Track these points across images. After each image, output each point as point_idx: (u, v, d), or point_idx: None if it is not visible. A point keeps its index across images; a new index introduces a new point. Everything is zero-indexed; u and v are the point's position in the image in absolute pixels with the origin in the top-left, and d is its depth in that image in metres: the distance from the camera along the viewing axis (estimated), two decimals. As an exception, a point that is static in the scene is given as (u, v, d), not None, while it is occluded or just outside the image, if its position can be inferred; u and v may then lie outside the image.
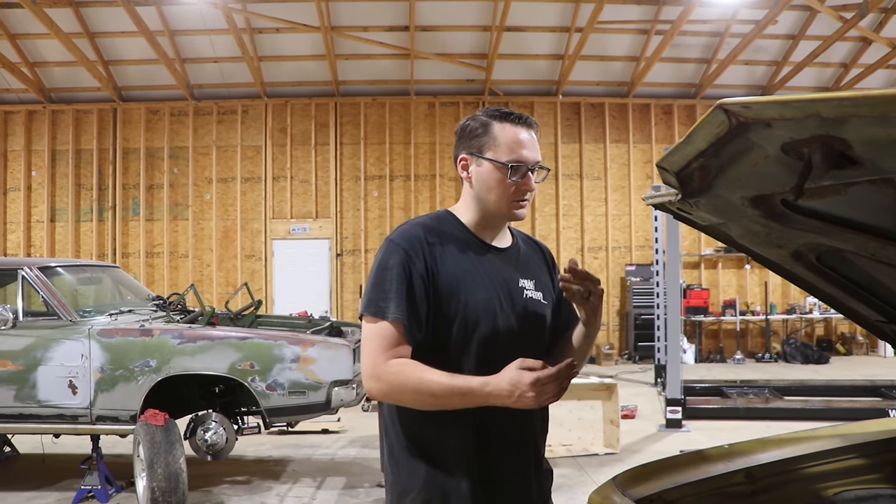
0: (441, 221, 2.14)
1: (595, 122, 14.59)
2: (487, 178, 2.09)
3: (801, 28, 12.92)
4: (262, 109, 14.30)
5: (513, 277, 2.15)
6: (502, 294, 2.09)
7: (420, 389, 1.89)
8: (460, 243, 2.10)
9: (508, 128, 2.08)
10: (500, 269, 2.14)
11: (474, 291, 2.04)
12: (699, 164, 1.62)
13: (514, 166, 2.05)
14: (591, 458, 7.07)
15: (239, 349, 5.54)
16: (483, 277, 2.08)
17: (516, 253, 2.23)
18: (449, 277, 2.02)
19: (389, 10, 12.51)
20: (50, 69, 13.67)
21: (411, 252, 2.01)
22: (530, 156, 2.08)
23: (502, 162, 2.06)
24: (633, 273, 14.09)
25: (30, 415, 5.64)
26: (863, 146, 1.24)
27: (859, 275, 2.13)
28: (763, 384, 10.18)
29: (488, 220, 2.15)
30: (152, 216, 14.22)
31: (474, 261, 2.09)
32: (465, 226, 2.15)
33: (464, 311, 2.02)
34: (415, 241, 2.03)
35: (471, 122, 2.14)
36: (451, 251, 2.07)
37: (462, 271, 2.05)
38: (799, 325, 14.50)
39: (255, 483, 6.43)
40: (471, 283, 2.05)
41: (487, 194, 2.10)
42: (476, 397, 1.84)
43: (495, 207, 2.11)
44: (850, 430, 2.62)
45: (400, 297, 1.97)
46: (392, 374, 1.93)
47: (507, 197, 2.08)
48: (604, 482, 2.35)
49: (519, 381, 1.79)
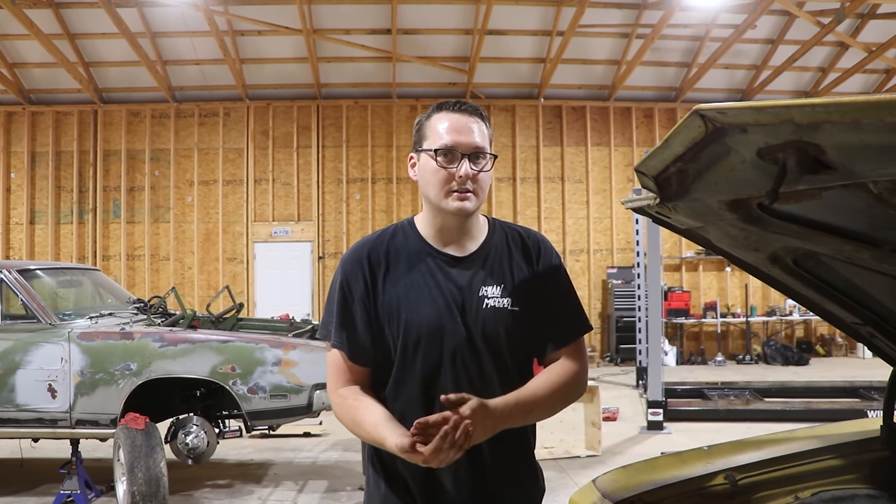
0: (395, 234, 2.06)
1: (577, 125, 14.65)
2: (424, 171, 1.99)
3: (780, 33, 13.05)
4: (244, 112, 14.25)
5: (471, 287, 1.99)
6: (454, 307, 1.95)
7: (353, 428, 1.93)
8: (410, 256, 2.00)
9: (441, 115, 2.01)
10: (456, 279, 1.99)
11: (417, 309, 1.94)
12: (677, 168, 1.64)
13: (440, 150, 1.94)
14: (573, 461, 7.09)
15: (220, 352, 5.52)
16: (431, 291, 1.96)
17: (483, 257, 2.04)
18: (390, 297, 1.96)
19: (372, 13, 12.51)
20: (29, 70, 13.56)
21: (350, 275, 2.00)
22: (461, 139, 1.95)
23: (433, 150, 1.96)
24: (615, 276, 14.15)
25: (8, 419, 5.59)
26: (836, 151, 1.26)
27: (835, 278, 2.16)
28: (744, 386, 10.26)
29: (438, 221, 2.01)
30: (133, 219, 14.13)
31: (423, 274, 1.98)
32: (420, 235, 2.04)
33: (405, 329, 1.93)
34: (355, 263, 2.01)
35: (418, 120, 2.08)
36: (396, 268, 1.99)
37: (405, 288, 1.96)
38: (779, 328, 14.63)
39: (236, 487, 6.41)
40: (414, 299, 1.95)
41: (427, 188, 1.98)
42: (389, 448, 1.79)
43: (435, 202, 1.97)
44: (829, 431, 2.65)
45: (340, 323, 1.98)
46: (336, 405, 1.98)
47: (441, 187, 1.94)
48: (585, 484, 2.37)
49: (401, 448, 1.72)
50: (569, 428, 7.31)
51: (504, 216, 14.32)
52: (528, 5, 12.39)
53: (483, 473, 1.98)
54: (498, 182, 14.39)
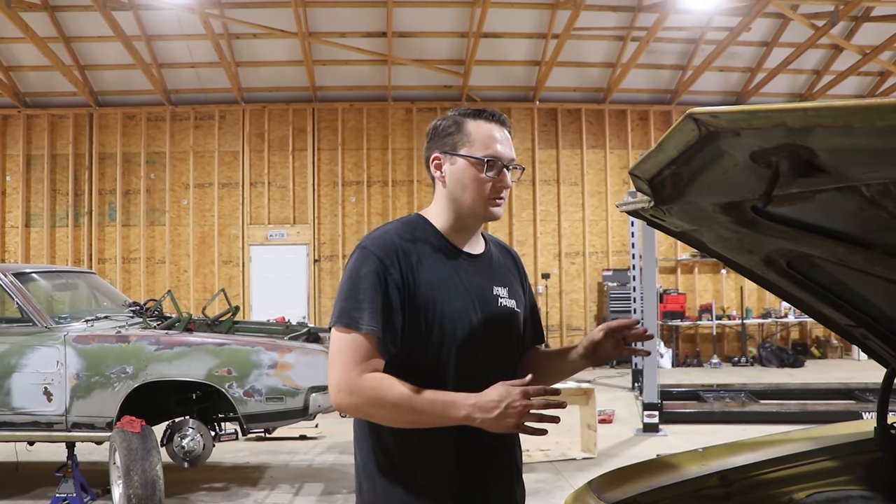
0: (414, 227, 2.06)
1: (572, 127, 14.67)
2: (462, 176, 2.02)
3: (775, 35, 13.09)
4: (240, 115, 14.24)
5: (487, 285, 2.09)
6: (477, 303, 2.03)
7: (399, 404, 1.82)
8: (434, 250, 2.02)
9: (483, 124, 2.04)
10: (474, 277, 2.07)
11: (450, 301, 1.98)
12: (671, 171, 1.65)
13: (489, 161, 2.00)
14: (569, 463, 7.10)
15: (216, 355, 5.52)
16: (458, 286, 2.01)
17: (489, 259, 2.16)
18: (425, 286, 1.95)
19: (367, 16, 12.52)
20: (25, 73, 13.54)
21: (386, 260, 1.93)
22: (505, 152, 2.03)
23: (477, 157, 2.00)
24: (610, 278, 14.17)
25: (3, 422, 5.58)
26: (828, 155, 1.27)
27: (828, 280, 2.17)
28: (739, 388, 10.28)
29: (462, 222, 2.08)
30: (129, 222, 14.11)
31: (449, 268, 2.02)
32: (438, 231, 2.07)
33: (440, 321, 1.95)
34: (389, 248, 1.95)
35: (443, 121, 2.08)
36: (425, 258, 1.99)
37: (437, 280, 1.98)
38: (774, 329, 14.65)
39: (232, 490, 6.40)
40: (446, 292, 1.98)
41: (462, 193, 2.03)
42: (459, 410, 1.79)
43: (470, 207, 2.04)
44: (823, 433, 2.66)
45: (374, 308, 1.89)
46: (368, 388, 1.84)
47: (483, 195, 2.02)
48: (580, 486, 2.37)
49: (508, 393, 1.76)
50: (564, 430, 7.32)
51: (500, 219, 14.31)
52: (523, 8, 12.41)
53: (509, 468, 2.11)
54: (493, 185, 14.36)
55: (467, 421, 1.80)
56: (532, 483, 6.45)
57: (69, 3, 11.97)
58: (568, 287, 14.46)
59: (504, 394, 1.77)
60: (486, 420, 1.78)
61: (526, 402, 1.76)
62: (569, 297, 14.46)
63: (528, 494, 2.26)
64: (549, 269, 14.32)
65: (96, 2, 11.06)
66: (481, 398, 1.79)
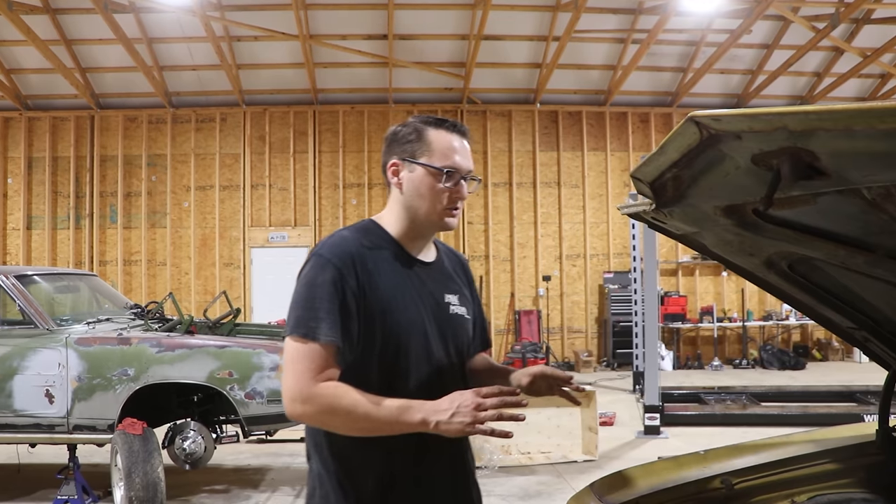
0: (369, 234, 2.04)
1: (573, 130, 14.68)
2: (419, 185, 2.01)
3: (775, 38, 13.09)
4: (241, 117, 14.25)
5: (439, 293, 2.09)
6: (430, 311, 2.03)
7: (354, 412, 1.80)
8: (389, 257, 2.01)
9: (443, 134, 2.03)
10: (427, 285, 2.07)
11: (404, 309, 1.97)
12: (672, 174, 1.65)
13: (448, 172, 2.00)
14: (570, 465, 7.10)
15: (217, 357, 5.52)
16: (412, 294, 2.01)
17: (441, 266, 2.16)
18: (380, 295, 1.94)
19: (368, 18, 12.53)
20: (26, 76, 13.55)
21: (343, 269, 1.91)
22: (464, 163, 2.03)
23: (436, 167, 1.99)
24: (611, 280, 14.17)
25: (5, 424, 5.59)
26: (829, 158, 1.27)
27: (830, 282, 2.17)
28: (740, 390, 10.27)
29: (417, 230, 2.07)
30: (130, 224, 14.12)
31: (403, 276, 2.02)
32: (392, 238, 2.06)
33: (395, 330, 1.95)
34: (346, 256, 1.93)
35: (402, 128, 2.07)
36: (381, 266, 1.98)
37: (392, 288, 1.97)
38: (776, 332, 14.65)
39: (233, 492, 6.40)
40: (401, 300, 1.98)
41: (418, 201, 2.02)
42: (414, 415, 1.79)
43: (425, 216, 2.03)
44: (825, 436, 2.66)
45: (333, 318, 1.87)
46: (323, 396, 1.82)
47: (439, 205, 2.01)
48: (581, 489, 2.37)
49: (461, 395, 1.78)
50: (566, 432, 7.32)
51: (500, 221, 14.35)
52: (524, 11, 12.41)
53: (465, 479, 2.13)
54: (494, 187, 14.41)
55: (423, 426, 1.79)
56: (533, 485, 6.46)
57: (70, 5, 11.99)
58: (569, 289, 14.46)
59: (455, 396, 1.78)
60: (440, 423, 1.77)
61: (478, 400, 1.76)
62: (570, 300, 14.46)
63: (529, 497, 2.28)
64: (550, 271, 14.32)
65: (97, 4, 11.08)
66: (436, 403, 1.79)
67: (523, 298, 14.30)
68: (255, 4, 12.05)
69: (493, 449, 7.04)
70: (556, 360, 13.82)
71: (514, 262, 14.37)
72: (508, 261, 14.40)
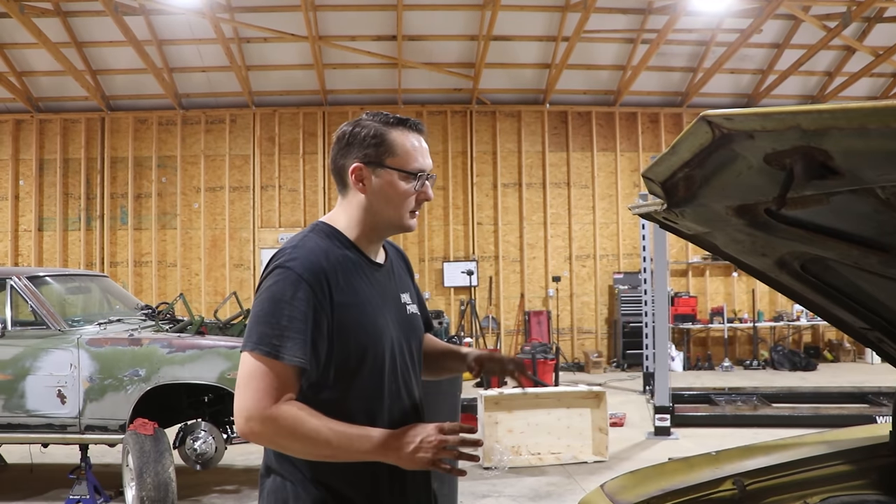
0: (330, 239, 1.98)
1: (582, 130, 14.65)
2: (388, 189, 1.97)
3: (786, 37, 13.04)
4: (250, 119, 14.29)
5: (395, 294, 2.09)
6: (393, 315, 2.02)
7: (316, 438, 1.75)
8: (351, 264, 1.96)
9: (406, 135, 1.99)
10: (387, 288, 2.05)
11: (373, 317, 1.94)
12: (684, 174, 1.65)
13: (419, 174, 1.99)
14: (580, 466, 7.09)
15: (228, 358, 5.54)
16: (377, 300, 1.98)
17: (391, 267, 2.14)
18: (351, 307, 1.89)
19: (377, 19, 12.55)
20: (37, 78, 13.63)
21: (315, 286, 1.83)
22: (427, 163, 2.02)
23: (407, 171, 1.97)
24: (621, 281, 14.14)
25: (18, 424, 5.62)
26: (842, 157, 1.27)
27: (843, 283, 2.16)
28: (751, 391, 10.22)
29: (377, 233, 2.04)
30: (140, 225, 14.17)
31: (367, 283, 1.98)
32: (351, 242, 2.00)
33: (367, 339, 1.91)
34: (318, 271, 1.85)
35: (360, 129, 2.00)
36: (349, 276, 1.93)
37: (361, 298, 1.93)
38: (786, 333, 14.58)
39: (244, 492, 6.42)
40: (370, 309, 1.94)
41: (385, 206, 1.98)
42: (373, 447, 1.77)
43: (390, 219, 2.00)
44: (837, 437, 2.65)
45: (303, 338, 1.79)
46: (284, 419, 1.75)
47: (407, 207, 2.00)
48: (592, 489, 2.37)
49: (423, 429, 1.77)
50: (576, 433, 7.30)
51: (510, 222, 14.34)
52: (532, 11, 12.40)
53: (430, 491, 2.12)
54: (504, 188, 14.41)
55: (382, 458, 1.78)
56: (543, 486, 6.45)
57: (81, 8, 12.05)
58: (578, 290, 14.44)
59: (419, 430, 1.77)
60: (400, 457, 1.77)
61: (441, 437, 1.75)
62: (579, 300, 14.43)
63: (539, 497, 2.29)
64: (559, 272, 14.30)
65: (108, 7, 11.13)
66: (397, 436, 1.78)
67: (533, 299, 14.28)
68: (264, 6, 12.08)
69: (504, 450, 7.04)
70: (566, 361, 13.79)
71: (524, 262, 14.36)
72: (518, 261, 14.38)
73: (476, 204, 14.35)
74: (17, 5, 10.88)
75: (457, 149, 14.39)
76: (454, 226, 14.22)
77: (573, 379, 12.42)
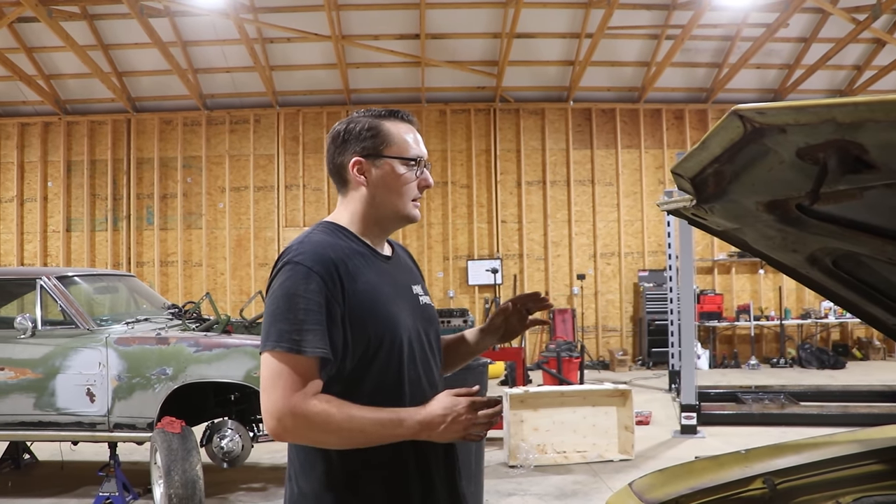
0: (335, 234, 1.99)
1: (606, 127, 14.58)
2: (389, 179, 2.00)
3: (813, 31, 12.89)
4: (274, 118, 14.37)
5: (407, 285, 2.09)
6: (407, 305, 2.03)
7: (349, 427, 1.77)
8: (362, 258, 1.97)
9: (399, 125, 2.05)
10: (397, 279, 2.06)
11: (386, 307, 1.94)
12: (714, 169, 1.63)
13: (418, 162, 2.03)
14: (606, 465, 7.05)
15: (254, 357, 5.56)
16: (389, 291, 1.98)
17: (399, 259, 2.16)
18: (364, 296, 1.90)
19: (400, 18, 12.56)
20: (65, 81, 13.80)
21: (326, 277, 1.84)
22: (423, 151, 2.06)
23: (407, 158, 2.01)
24: (646, 279, 14.05)
25: (49, 422, 5.69)
26: (879, 150, 1.25)
27: (876, 278, 2.13)
28: (778, 390, 10.12)
29: (382, 226, 2.06)
30: (166, 225, 14.31)
31: (378, 275, 1.98)
32: (358, 237, 2.02)
33: (382, 329, 1.91)
34: (328, 263, 1.86)
35: (353, 125, 2.03)
36: (359, 268, 1.93)
37: (372, 289, 1.93)
38: (814, 330, 14.42)
39: (270, 490, 6.45)
40: (382, 299, 1.95)
41: (388, 196, 2.01)
42: (407, 427, 1.79)
43: (394, 209, 2.03)
44: (869, 436, 2.61)
45: (321, 329, 1.80)
46: (316, 413, 1.76)
47: (409, 196, 2.03)
48: (621, 487, 2.36)
49: (454, 405, 1.80)
50: (601, 432, 7.27)
51: (534, 220, 14.31)
52: (556, 8, 12.37)
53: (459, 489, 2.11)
54: (528, 185, 14.37)
55: (417, 436, 1.82)
56: (569, 484, 6.42)
57: (107, 11, 12.18)
58: (603, 288, 14.37)
59: (449, 406, 1.80)
60: (433, 434, 1.81)
61: (472, 415, 1.79)
62: (604, 298, 14.37)
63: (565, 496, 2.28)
64: (584, 269, 14.24)
65: (134, 9, 11.24)
66: (428, 413, 1.81)
67: (557, 297, 14.23)
68: (287, 6, 12.14)
69: (529, 448, 7.02)
70: (590, 359, 13.74)
71: (548, 260, 14.31)
72: (542, 259, 14.34)
73: (500, 202, 14.33)
74: (45, 10, 11.02)
75: (480, 147, 14.38)
76: (478, 224, 14.21)
77: (598, 377, 12.37)
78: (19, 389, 5.67)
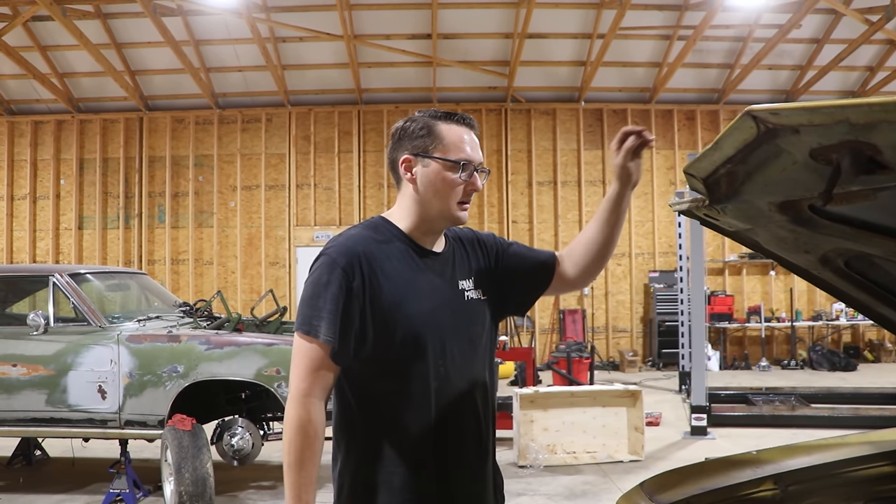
0: (378, 230, 2.07)
1: (617, 128, 14.21)
2: (434, 179, 2.04)
3: (826, 32, 12.83)
4: (286, 118, 14.41)
5: (453, 281, 2.11)
6: (445, 300, 2.06)
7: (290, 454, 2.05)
8: (399, 252, 2.03)
9: (454, 127, 2.07)
10: (442, 274, 2.10)
11: (417, 301, 1.99)
12: (727, 170, 1.63)
13: (463, 164, 2.04)
14: (616, 465, 7.04)
15: (265, 355, 5.58)
16: (426, 286, 2.03)
17: (451, 255, 2.17)
18: (390, 290, 1.96)
19: (412, 18, 12.58)
20: (78, 79, 13.88)
21: (348, 268, 1.93)
22: (475, 155, 2.07)
23: (451, 160, 2.03)
24: (657, 280, 14.03)
25: (60, 419, 5.72)
26: (892, 151, 1.24)
27: (888, 280, 2.12)
28: (789, 391, 10.08)
29: (430, 224, 2.09)
30: (177, 223, 14.36)
31: (415, 269, 2.04)
32: (403, 232, 2.08)
33: (408, 323, 1.97)
34: (353, 255, 1.95)
35: (411, 123, 2.09)
36: (390, 262, 2.00)
37: (402, 282, 1.99)
38: (825, 332, 14.35)
39: (280, 488, 6.47)
40: (413, 293, 2.00)
41: (433, 196, 2.05)
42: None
43: (439, 210, 2.06)
44: (882, 437, 2.60)
45: (333, 318, 1.91)
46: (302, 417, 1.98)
47: (454, 197, 2.05)
48: (631, 488, 2.35)
49: None
50: (611, 433, 7.26)
51: (545, 220, 14.30)
52: (568, 8, 12.36)
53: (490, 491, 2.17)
54: (539, 186, 14.37)
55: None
56: (579, 485, 6.42)
57: (121, 10, 12.25)
58: (613, 289, 14.35)
59: None
60: None
61: None
62: (614, 299, 14.35)
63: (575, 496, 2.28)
64: (594, 270, 14.19)
65: (147, 8, 11.29)
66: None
67: (567, 297, 14.22)
68: (300, 6, 12.17)
69: (539, 448, 7.02)
70: (601, 360, 13.72)
71: (558, 261, 14.27)
72: (552, 260, 14.30)
73: (511, 202, 14.33)
74: (59, 8, 11.09)
75: (491, 147, 14.38)
76: (489, 224, 14.21)
77: (608, 378, 12.35)
78: (31, 386, 5.70)
